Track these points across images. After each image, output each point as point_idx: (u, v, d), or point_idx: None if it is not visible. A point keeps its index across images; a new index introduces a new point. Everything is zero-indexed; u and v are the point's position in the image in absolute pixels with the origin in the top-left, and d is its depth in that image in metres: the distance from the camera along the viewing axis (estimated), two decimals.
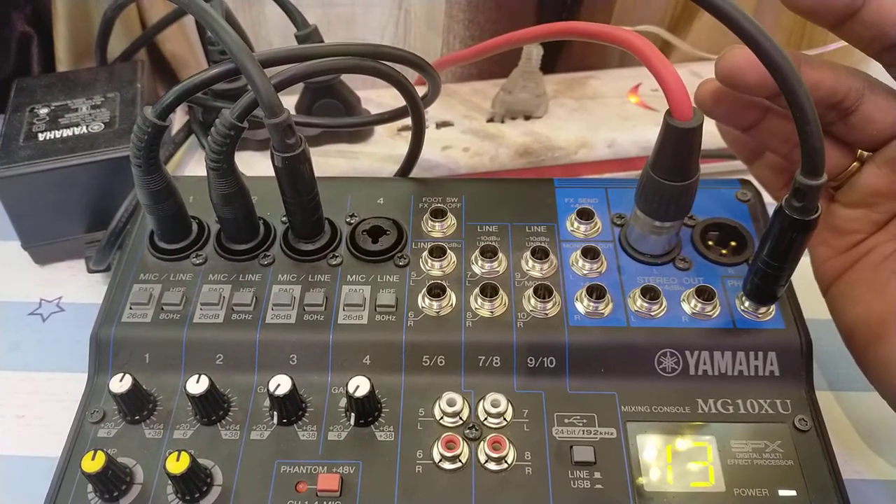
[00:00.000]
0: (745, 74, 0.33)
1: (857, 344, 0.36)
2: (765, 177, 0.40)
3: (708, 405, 0.34)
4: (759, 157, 0.40)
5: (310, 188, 0.36)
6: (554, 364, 0.35)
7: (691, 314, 0.36)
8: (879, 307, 0.34)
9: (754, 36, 0.28)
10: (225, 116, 0.33)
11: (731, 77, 0.33)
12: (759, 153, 0.40)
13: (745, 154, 0.41)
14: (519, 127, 0.53)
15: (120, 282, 0.37)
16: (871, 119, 0.33)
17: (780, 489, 0.32)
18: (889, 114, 0.33)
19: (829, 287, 0.37)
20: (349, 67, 0.37)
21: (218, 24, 0.32)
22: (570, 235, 0.39)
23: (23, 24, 0.54)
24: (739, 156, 0.41)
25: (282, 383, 0.33)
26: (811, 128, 0.28)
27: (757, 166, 0.40)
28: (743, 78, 0.33)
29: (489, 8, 0.59)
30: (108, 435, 0.34)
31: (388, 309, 0.36)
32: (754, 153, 0.40)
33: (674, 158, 0.32)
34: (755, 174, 0.41)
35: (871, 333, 0.35)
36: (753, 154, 0.40)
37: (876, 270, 0.35)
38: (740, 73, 0.33)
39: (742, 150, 0.41)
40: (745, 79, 0.33)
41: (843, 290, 0.37)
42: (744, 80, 0.33)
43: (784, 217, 0.30)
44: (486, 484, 0.32)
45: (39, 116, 0.47)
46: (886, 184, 0.35)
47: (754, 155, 0.40)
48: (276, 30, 0.59)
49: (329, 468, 0.32)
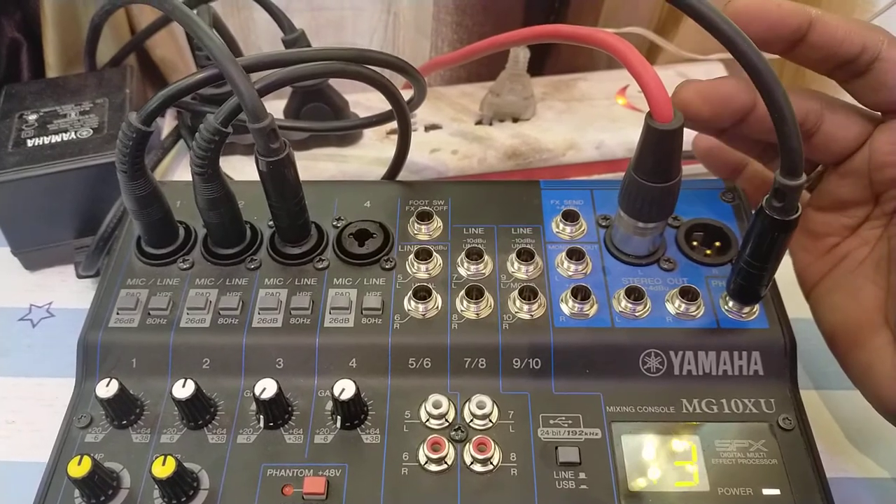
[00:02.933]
0: (699, 108, 0.34)
1: (838, 349, 0.36)
2: (745, 191, 0.41)
3: (692, 405, 0.34)
4: (737, 174, 0.42)
5: (295, 192, 0.36)
6: (539, 365, 0.35)
7: (676, 314, 0.36)
8: (856, 313, 0.35)
9: (732, 38, 0.28)
10: (209, 121, 0.33)
11: (685, 111, 0.33)
12: (738, 170, 0.42)
13: (725, 173, 0.42)
14: (507, 129, 0.53)
15: (107, 287, 0.38)
16: (833, 137, 0.34)
17: (764, 488, 0.32)
18: (850, 129, 0.34)
19: (810, 292, 0.38)
20: (334, 72, 0.37)
21: (201, 30, 0.32)
22: (556, 237, 0.39)
23: (12, 31, 0.54)
24: (718, 175, 0.42)
25: (268, 387, 0.33)
26: (789, 128, 0.28)
27: (737, 182, 0.41)
28: (698, 112, 0.34)
29: (476, 11, 0.59)
30: (95, 440, 0.34)
31: (375, 312, 0.36)
32: (732, 170, 0.42)
33: (655, 160, 0.33)
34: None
35: (850, 339, 0.35)
36: (732, 172, 0.42)
37: (851, 276, 0.36)
38: (694, 107, 0.34)
39: (721, 170, 0.42)
40: (700, 112, 0.34)
41: (822, 296, 0.37)
42: (699, 113, 0.34)
43: (765, 217, 0.31)
44: (471, 485, 0.32)
45: (28, 122, 0.47)
46: (851, 192, 0.35)
47: (733, 173, 0.42)
48: (265, 34, 0.60)
49: (315, 471, 0.33)
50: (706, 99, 0.34)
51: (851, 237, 0.36)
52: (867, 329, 0.34)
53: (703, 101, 0.34)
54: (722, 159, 0.42)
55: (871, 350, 0.34)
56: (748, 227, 0.32)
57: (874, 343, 0.34)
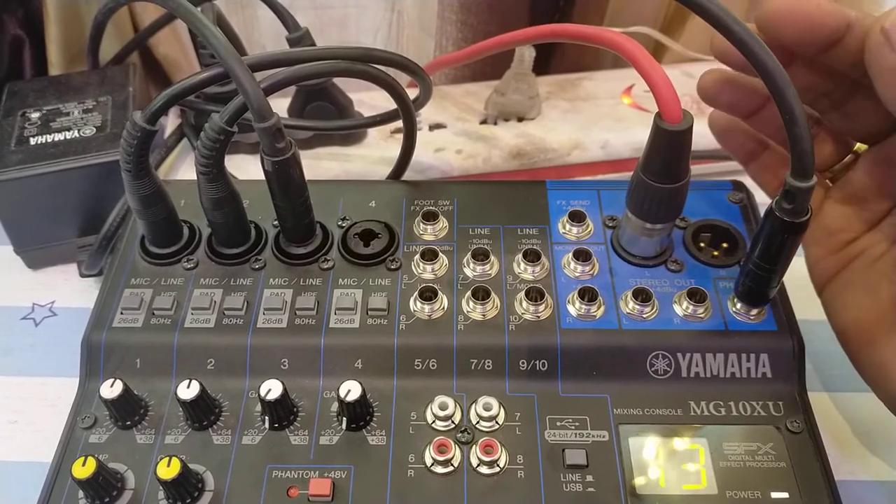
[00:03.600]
0: (785, 25, 0.31)
1: (851, 346, 0.36)
2: (761, 177, 0.40)
3: (700, 407, 0.34)
4: (755, 159, 0.40)
5: (300, 192, 0.36)
6: (546, 367, 0.35)
7: (683, 316, 0.36)
8: (871, 311, 0.34)
9: (742, 38, 0.28)
10: (214, 121, 0.33)
11: (766, 29, 0.31)
12: (756, 154, 0.39)
13: (741, 155, 0.40)
14: (512, 129, 0.53)
15: (111, 286, 0.37)
16: (865, 107, 0.33)
17: (772, 491, 0.32)
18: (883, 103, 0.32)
19: (823, 288, 0.37)
20: (339, 71, 0.37)
21: (206, 28, 0.32)
22: (562, 238, 0.39)
23: (15, 28, 0.54)
24: (735, 156, 0.41)
25: (273, 388, 0.33)
26: (800, 130, 0.28)
27: (753, 167, 0.40)
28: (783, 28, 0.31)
29: (481, 10, 0.59)
30: (99, 440, 0.34)
31: (380, 312, 0.36)
32: (750, 154, 0.40)
33: (664, 161, 0.32)
34: (751, 175, 0.40)
35: (864, 337, 0.35)
36: (749, 155, 0.40)
37: (867, 272, 0.35)
38: (781, 21, 0.31)
39: (738, 150, 0.40)
40: (785, 30, 0.31)
41: (836, 292, 0.36)
42: (783, 30, 0.31)
43: (774, 219, 0.30)
44: (478, 488, 0.32)
45: (31, 120, 0.46)
46: (879, 181, 0.34)
47: (750, 156, 0.40)
48: (269, 33, 0.59)
49: (321, 473, 0.32)
50: (792, 16, 0.30)
51: (870, 233, 0.35)
52: (882, 327, 0.33)
53: (788, 17, 0.30)
54: (740, 138, 0.39)
55: (886, 348, 0.33)
56: (757, 229, 0.32)
57: (889, 341, 0.33)
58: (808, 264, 0.38)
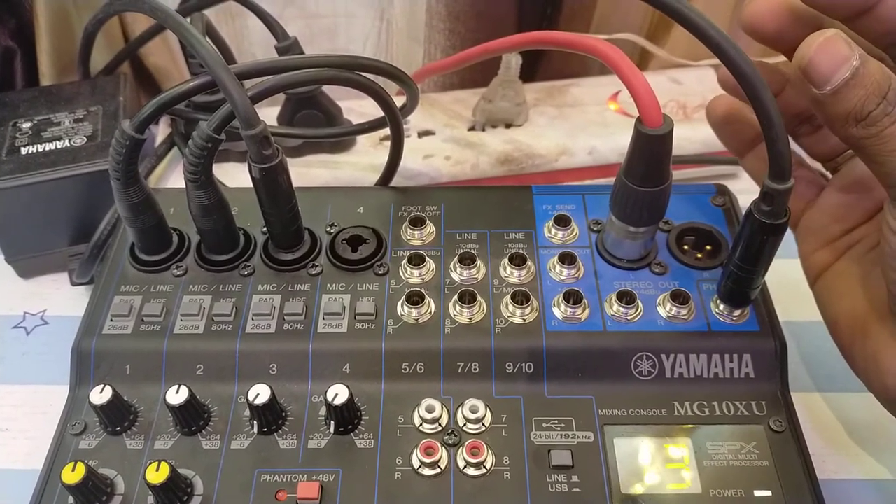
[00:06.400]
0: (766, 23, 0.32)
1: (842, 338, 0.35)
2: (756, 169, 0.39)
3: (684, 408, 0.35)
4: (751, 149, 0.39)
5: (288, 199, 0.36)
6: (532, 369, 0.35)
7: (667, 318, 0.36)
8: (864, 301, 0.34)
9: (720, 44, 0.29)
10: (202, 128, 0.33)
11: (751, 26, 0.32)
12: (752, 144, 0.39)
13: (737, 145, 0.40)
14: (500, 135, 0.53)
15: (101, 294, 0.38)
16: None
17: (755, 490, 0.32)
18: None
19: (815, 280, 0.37)
20: (327, 79, 0.38)
21: (194, 37, 0.33)
22: (548, 241, 0.39)
23: (6, 39, 0.54)
24: (730, 147, 0.40)
25: (261, 393, 0.33)
26: (777, 132, 0.29)
27: (749, 158, 0.39)
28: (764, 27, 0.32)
29: (469, 18, 0.60)
30: (89, 446, 0.34)
31: (368, 317, 0.36)
32: (746, 144, 0.39)
33: (645, 165, 0.33)
34: (746, 166, 0.40)
35: (856, 327, 0.34)
36: (746, 145, 0.39)
37: (862, 262, 0.35)
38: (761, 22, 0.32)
39: (735, 141, 0.40)
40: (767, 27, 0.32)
41: (829, 283, 0.36)
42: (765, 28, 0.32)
43: (754, 221, 0.31)
44: (465, 489, 0.32)
45: (22, 130, 0.47)
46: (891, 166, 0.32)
47: (746, 147, 0.39)
48: (260, 42, 0.60)
49: (309, 476, 0.33)
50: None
51: (866, 224, 0.35)
52: (875, 318, 0.33)
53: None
54: (737, 129, 0.39)
55: (878, 338, 0.33)
56: (738, 231, 0.32)
57: (882, 331, 0.33)
58: (802, 256, 0.38)
